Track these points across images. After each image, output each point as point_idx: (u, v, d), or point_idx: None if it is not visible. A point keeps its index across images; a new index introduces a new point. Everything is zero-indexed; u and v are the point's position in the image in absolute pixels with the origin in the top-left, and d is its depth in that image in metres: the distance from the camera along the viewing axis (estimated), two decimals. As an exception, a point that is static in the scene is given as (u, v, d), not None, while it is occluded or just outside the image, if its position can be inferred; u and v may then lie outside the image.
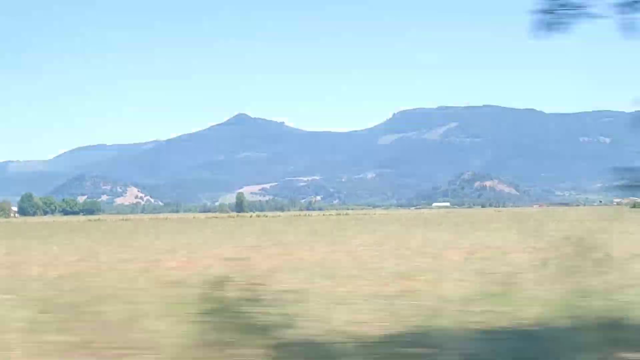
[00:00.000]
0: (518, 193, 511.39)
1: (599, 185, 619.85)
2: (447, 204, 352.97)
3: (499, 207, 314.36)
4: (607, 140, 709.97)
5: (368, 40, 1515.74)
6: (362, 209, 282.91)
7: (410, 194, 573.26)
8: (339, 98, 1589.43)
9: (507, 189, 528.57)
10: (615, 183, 7.24)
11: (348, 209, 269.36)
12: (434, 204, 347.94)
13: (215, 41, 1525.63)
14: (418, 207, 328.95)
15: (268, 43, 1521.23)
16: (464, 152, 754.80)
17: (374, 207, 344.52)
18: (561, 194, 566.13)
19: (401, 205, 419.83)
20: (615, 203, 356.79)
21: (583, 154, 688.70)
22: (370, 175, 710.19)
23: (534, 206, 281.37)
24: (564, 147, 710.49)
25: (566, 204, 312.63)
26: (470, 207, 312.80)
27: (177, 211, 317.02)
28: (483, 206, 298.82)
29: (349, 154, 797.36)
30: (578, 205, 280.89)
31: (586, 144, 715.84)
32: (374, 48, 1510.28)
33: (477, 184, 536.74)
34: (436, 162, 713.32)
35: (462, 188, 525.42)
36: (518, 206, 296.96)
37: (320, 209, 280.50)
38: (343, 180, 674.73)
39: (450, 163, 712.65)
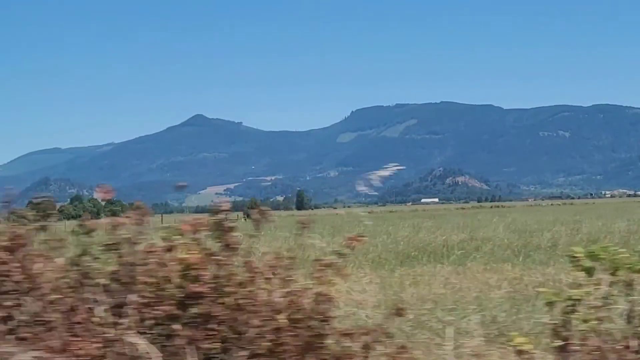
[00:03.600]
0: (489, 188, 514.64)
1: (562, 178, 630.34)
2: (436, 199, 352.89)
3: (480, 201, 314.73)
4: (567, 134, 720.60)
5: (320, 40, 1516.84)
6: (359, 205, 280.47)
7: (377, 192, 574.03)
8: (296, 98, 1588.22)
9: (478, 185, 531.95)
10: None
11: (330, 207, 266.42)
12: (423, 200, 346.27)
13: (168, 42, 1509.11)
14: (405, 203, 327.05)
15: (222, 43, 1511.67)
16: (425, 149, 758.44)
17: (347, 205, 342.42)
18: (526, 188, 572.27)
19: (375, 202, 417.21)
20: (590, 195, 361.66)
21: (543, 148, 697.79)
22: (332, 173, 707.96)
23: (529, 200, 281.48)
24: (524, 142, 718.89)
25: (559, 197, 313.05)
26: (466, 201, 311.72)
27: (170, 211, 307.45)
28: (479, 201, 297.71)
29: (308, 152, 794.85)
30: (572, 198, 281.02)
31: (546, 138, 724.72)
32: (327, 48, 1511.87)
33: (449, 179, 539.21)
34: (397, 159, 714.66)
35: (434, 184, 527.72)
36: (510, 201, 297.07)
37: (316, 207, 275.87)
38: (307, 179, 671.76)
39: (411, 160, 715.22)
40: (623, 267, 4.19)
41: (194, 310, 4.15)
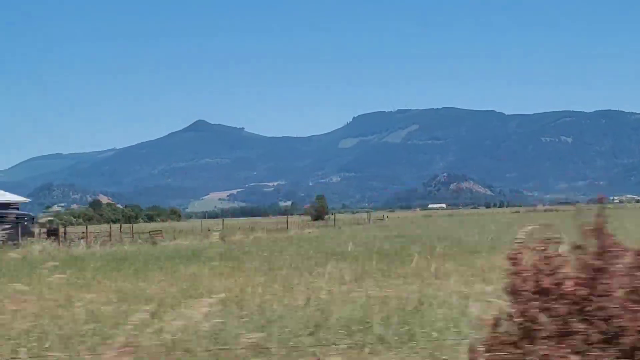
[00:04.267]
0: (493, 194, 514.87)
1: (564, 184, 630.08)
2: (444, 205, 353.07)
3: (489, 207, 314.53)
4: (569, 139, 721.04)
5: (322, 46, 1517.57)
6: (367, 211, 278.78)
7: (378, 197, 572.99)
8: (297, 103, 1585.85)
9: (482, 190, 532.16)
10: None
11: (359, 211, 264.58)
12: (430, 206, 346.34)
13: (170, 47, 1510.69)
14: (412, 209, 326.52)
15: (224, 49, 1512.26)
16: (427, 155, 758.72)
17: (359, 210, 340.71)
18: (529, 194, 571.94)
19: (382, 208, 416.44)
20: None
21: (546, 154, 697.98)
22: (335, 179, 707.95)
23: (538, 206, 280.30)
24: (526, 148, 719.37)
25: (567, 203, 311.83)
26: (475, 207, 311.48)
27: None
28: (487, 207, 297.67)
29: (310, 158, 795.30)
30: (578, 203, 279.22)
31: (548, 143, 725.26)
32: (328, 54, 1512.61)
33: (453, 185, 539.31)
34: (399, 165, 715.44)
35: (438, 190, 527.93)
36: (519, 206, 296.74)
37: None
38: (310, 184, 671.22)
39: (413, 165, 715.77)
40: None
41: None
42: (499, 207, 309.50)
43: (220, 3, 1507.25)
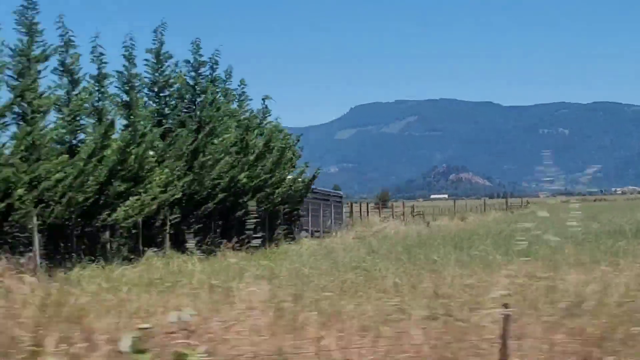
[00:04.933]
0: (492, 185, 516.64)
1: (562, 176, 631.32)
2: (446, 195, 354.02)
3: (493, 198, 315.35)
4: (566, 131, 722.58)
5: (319, 36, 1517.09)
6: (369, 201, 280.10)
7: (378, 187, 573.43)
8: (294, 94, 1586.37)
9: (481, 181, 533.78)
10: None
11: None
12: (432, 196, 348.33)
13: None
14: (417, 199, 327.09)
15: (220, 41, 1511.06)
16: (425, 146, 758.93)
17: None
18: (528, 185, 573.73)
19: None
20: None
21: (543, 146, 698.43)
22: (333, 169, 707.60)
23: (541, 196, 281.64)
24: (523, 140, 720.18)
25: (567, 194, 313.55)
26: (478, 198, 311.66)
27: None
28: (491, 197, 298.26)
29: (308, 148, 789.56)
30: (583, 195, 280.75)
31: (546, 135, 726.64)
32: (325, 44, 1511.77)
33: (452, 176, 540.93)
34: (398, 156, 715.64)
35: (438, 181, 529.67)
36: (521, 197, 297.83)
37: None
38: (307, 175, 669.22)
39: (411, 156, 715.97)
40: None
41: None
42: (502, 197, 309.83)
43: (220, 2, 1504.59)
